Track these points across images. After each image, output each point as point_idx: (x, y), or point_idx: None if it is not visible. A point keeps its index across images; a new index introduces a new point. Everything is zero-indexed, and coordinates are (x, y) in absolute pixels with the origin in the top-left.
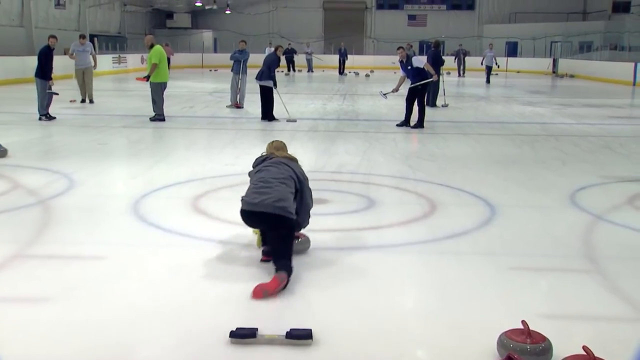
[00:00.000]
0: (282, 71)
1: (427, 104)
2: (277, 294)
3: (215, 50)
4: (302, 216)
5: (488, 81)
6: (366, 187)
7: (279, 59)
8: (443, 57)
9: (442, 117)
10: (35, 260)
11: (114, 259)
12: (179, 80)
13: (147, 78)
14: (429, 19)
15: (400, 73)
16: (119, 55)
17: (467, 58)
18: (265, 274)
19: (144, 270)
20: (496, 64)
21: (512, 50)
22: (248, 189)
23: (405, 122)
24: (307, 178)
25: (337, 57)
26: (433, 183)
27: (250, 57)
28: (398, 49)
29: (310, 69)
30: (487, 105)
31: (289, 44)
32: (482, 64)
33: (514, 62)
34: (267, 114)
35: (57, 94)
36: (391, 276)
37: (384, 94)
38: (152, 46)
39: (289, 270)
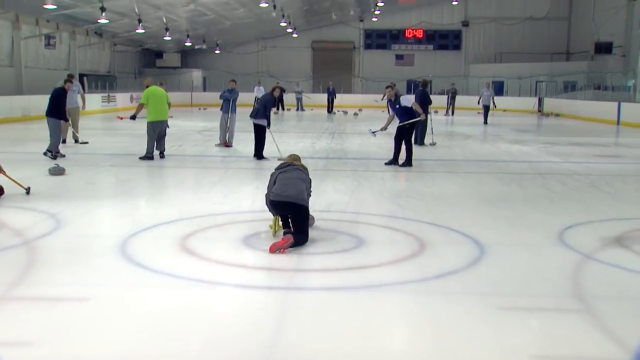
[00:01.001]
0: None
1: (415, 143)
2: (286, 250)
3: (204, 89)
4: (308, 194)
5: (486, 121)
6: (355, 226)
7: (274, 100)
8: (431, 96)
9: (430, 156)
10: (19, 302)
11: (100, 301)
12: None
13: (132, 117)
14: (417, 59)
15: (390, 112)
16: (109, 94)
17: (456, 97)
18: (250, 322)
19: (131, 312)
20: (494, 103)
21: (498, 89)
22: (275, 186)
23: (394, 161)
24: (310, 180)
25: (325, 95)
26: (422, 222)
27: (240, 96)
28: (387, 87)
29: (300, 108)
30: (475, 143)
31: (278, 83)
32: (479, 103)
33: (501, 101)
34: (258, 152)
35: (87, 142)
36: (379, 317)
37: (373, 132)
38: (147, 87)
39: (301, 240)
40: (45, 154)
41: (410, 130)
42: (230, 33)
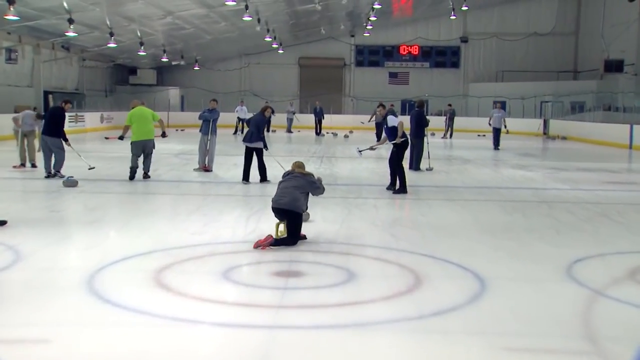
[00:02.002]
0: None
1: (411, 168)
2: (266, 247)
3: (182, 109)
4: (316, 192)
5: (497, 146)
6: (345, 258)
7: (267, 120)
8: (428, 117)
9: (426, 182)
10: None
11: (63, 343)
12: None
13: (120, 138)
14: (412, 77)
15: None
16: (76, 114)
17: (455, 118)
18: (233, 358)
19: (99, 356)
20: (504, 126)
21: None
22: (275, 194)
23: (392, 185)
24: (315, 181)
25: (313, 116)
26: (418, 254)
27: (221, 116)
28: (378, 106)
29: (289, 129)
30: (475, 168)
31: (267, 102)
32: (489, 124)
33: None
34: (262, 175)
35: (94, 167)
36: (372, 358)
37: (360, 151)
38: (132, 108)
39: (289, 242)
40: (54, 175)
41: (399, 154)
42: (210, 48)
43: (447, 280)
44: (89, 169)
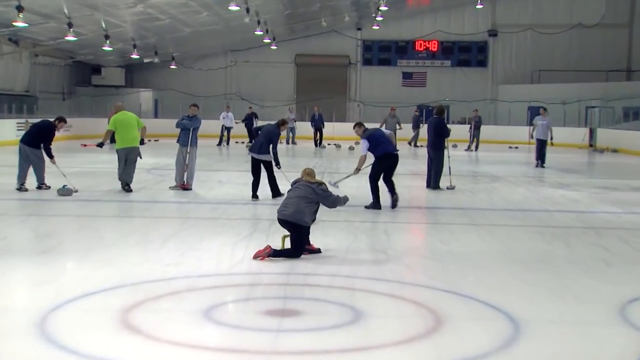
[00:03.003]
0: (243, 142)
1: (428, 186)
2: (265, 258)
3: (155, 115)
4: (332, 204)
5: (541, 162)
6: (350, 295)
7: (279, 135)
8: (449, 126)
9: (447, 203)
10: None
11: None
12: (106, 154)
13: (99, 145)
14: (430, 78)
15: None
16: (27, 120)
17: (481, 127)
18: None
19: None
20: (551, 137)
21: (536, 115)
22: (281, 203)
23: (394, 202)
24: (325, 190)
25: (311, 125)
26: (437, 289)
27: (203, 125)
28: (355, 126)
29: (292, 140)
30: (506, 187)
31: (250, 108)
32: (531, 137)
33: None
34: (274, 190)
35: (77, 190)
36: None
37: (334, 183)
38: (116, 112)
39: (292, 254)
40: (39, 187)
41: (380, 167)
42: (190, 43)
43: (472, 322)
44: (74, 191)
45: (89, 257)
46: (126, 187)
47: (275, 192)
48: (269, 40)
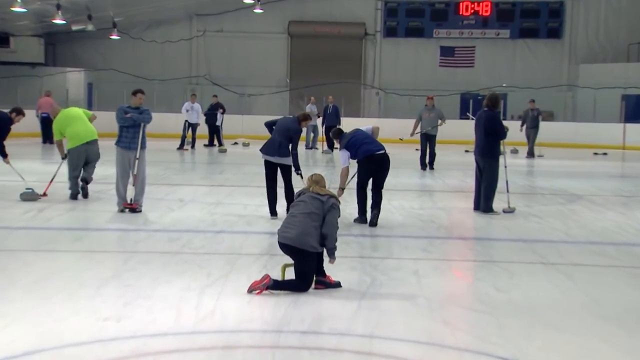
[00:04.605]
0: (215, 144)
1: (477, 208)
2: (262, 291)
3: (89, 105)
4: (328, 233)
5: None
6: None
7: (300, 132)
8: (505, 123)
9: (504, 232)
10: None
11: None
12: (18, 159)
13: (63, 159)
14: (480, 55)
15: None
16: None
17: (541, 124)
18: None
19: None
20: None
21: (635, 109)
22: (282, 223)
23: (372, 220)
24: (337, 206)
25: (321, 120)
26: (489, 355)
27: (158, 121)
28: (333, 136)
29: (313, 144)
30: (589, 211)
31: (215, 97)
32: None
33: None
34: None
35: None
36: None
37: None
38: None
39: (297, 287)
40: None
41: (364, 172)
42: (139, 4)
43: None
44: (42, 195)
45: None
46: (83, 187)
47: (274, 211)
48: (251, 1)
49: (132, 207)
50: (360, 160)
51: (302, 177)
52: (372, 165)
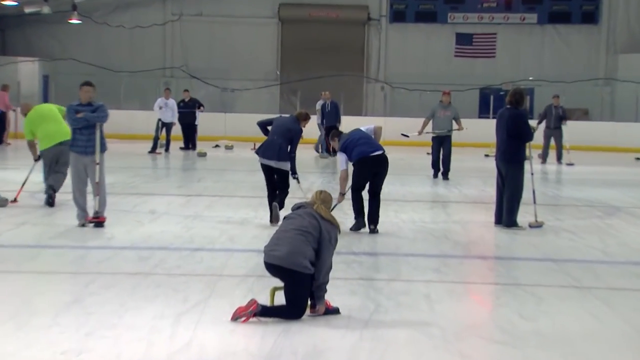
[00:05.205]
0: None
1: (498, 222)
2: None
3: (45, 98)
4: (319, 272)
5: None
6: None
7: (301, 133)
8: (532, 123)
9: (530, 251)
10: None
11: None
12: None
13: (36, 159)
14: (502, 44)
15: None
16: None
17: (567, 123)
18: None
19: None
20: None
21: None
22: (270, 239)
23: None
24: (334, 241)
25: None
26: None
27: (126, 120)
28: (331, 139)
29: (324, 148)
30: (630, 225)
31: (186, 91)
32: None
33: None
34: (280, 200)
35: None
36: None
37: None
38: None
39: (289, 314)
40: None
41: (359, 175)
42: None
43: None
44: (12, 201)
45: None
46: (50, 195)
47: (276, 216)
48: None
49: (99, 221)
50: (354, 162)
51: (298, 182)
52: (367, 167)
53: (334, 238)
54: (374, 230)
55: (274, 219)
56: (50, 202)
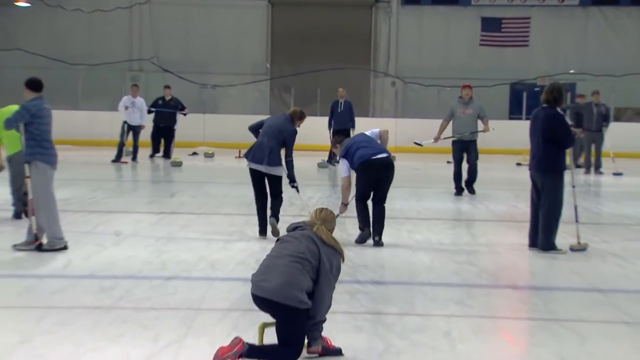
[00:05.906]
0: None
1: (532, 244)
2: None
3: None
4: (316, 309)
5: None
6: None
7: (296, 134)
8: (572, 125)
9: (572, 279)
10: None
11: None
12: None
13: (0, 168)
14: (536, 29)
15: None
16: None
17: (624, 126)
18: None
19: None
20: None
21: None
22: (259, 268)
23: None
24: (336, 270)
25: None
26: None
27: (80, 120)
28: (334, 145)
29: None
30: None
31: (168, 88)
32: None
33: None
34: (273, 210)
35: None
36: None
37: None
38: None
39: (282, 356)
40: None
41: (362, 182)
42: None
43: None
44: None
45: None
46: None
47: (274, 214)
48: None
49: (38, 243)
50: (356, 168)
51: (298, 191)
52: (369, 172)
53: (335, 267)
54: (378, 242)
55: (274, 233)
56: (21, 214)
